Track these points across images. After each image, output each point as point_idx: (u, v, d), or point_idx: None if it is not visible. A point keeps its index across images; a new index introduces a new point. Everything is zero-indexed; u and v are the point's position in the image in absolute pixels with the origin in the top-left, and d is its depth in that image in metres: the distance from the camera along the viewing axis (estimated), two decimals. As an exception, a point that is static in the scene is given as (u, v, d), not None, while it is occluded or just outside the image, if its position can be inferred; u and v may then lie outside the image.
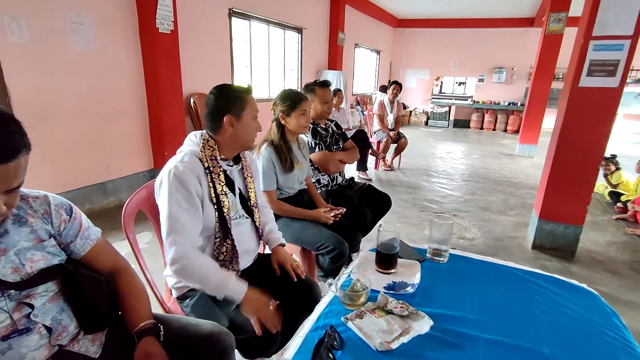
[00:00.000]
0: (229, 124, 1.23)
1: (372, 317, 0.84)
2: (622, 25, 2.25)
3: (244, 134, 1.27)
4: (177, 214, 1.13)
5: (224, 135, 1.26)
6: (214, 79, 4.51)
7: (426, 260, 1.18)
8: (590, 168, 2.55)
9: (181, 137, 4.55)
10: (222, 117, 1.22)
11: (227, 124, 1.23)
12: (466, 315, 0.88)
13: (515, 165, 5.95)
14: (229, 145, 1.29)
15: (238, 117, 1.24)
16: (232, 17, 4.64)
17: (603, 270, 2.59)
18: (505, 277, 1.08)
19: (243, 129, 1.26)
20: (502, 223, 3.44)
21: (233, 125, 1.24)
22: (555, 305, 0.94)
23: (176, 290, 1.32)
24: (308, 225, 1.87)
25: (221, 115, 1.23)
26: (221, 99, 1.24)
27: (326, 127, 2.35)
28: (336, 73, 6.79)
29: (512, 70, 9.83)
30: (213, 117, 1.25)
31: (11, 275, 0.82)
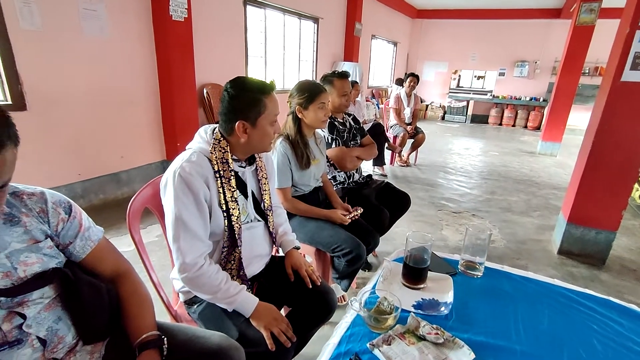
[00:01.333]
0: (242, 130, 1.09)
1: (402, 344, 0.73)
2: (674, 14, 2.04)
3: (259, 141, 1.14)
4: (184, 219, 1.03)
5: (237, 140, 1.12)
6: (228, 69, 4.41)
7: (458, 274, 1.05)
8: (630, 170, 2.36)
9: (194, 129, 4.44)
10: (235, 122, 1.08)
11: (240, 130, 1.09)
12: (512, 345, 0.76)
13: (537, 163, 5.71)
14: (243, 148, 1.16)
15: (253, 124, 1.09)
16: (247, 5, 4.52)
17: (635, 279, 2.42)
18: (552, 297, 0.94)
19: (258, 136, 1.12)
20: (524, 225, 3.27)
21: (247, 132, 1.10)
22: (618, 338, 0.81)
23: (183, 294, 1.23)
24: (324, 225, 1.77)
25: (234, 119, 1.09)
26: (236, 100, 1.09)
27: (343, 121, 2.22)
28: (352, 65, 6.61)
29: (535, 64, 9.44)
30: (226, 118, 1.11)
31: (1, 281, 0.74)
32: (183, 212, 1.02)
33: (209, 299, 1.09)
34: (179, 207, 1.03)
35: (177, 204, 1.02)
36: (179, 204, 1.03)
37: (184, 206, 1.03)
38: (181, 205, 1.03)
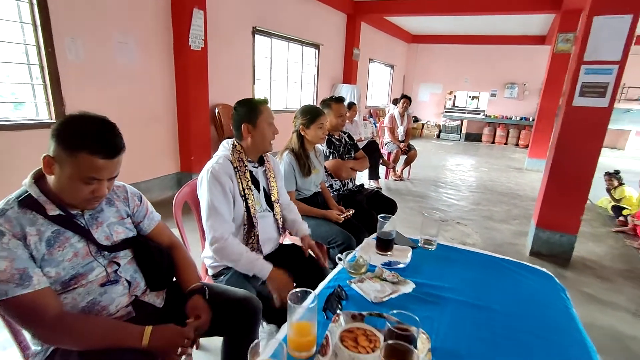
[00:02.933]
0: (247, 131, 1.52)
1: (370, 282, 1.12)
2: (611, 51, 2.49)
3: (261, 138, 1.55)
4: (215, 204, 1.43)
5: (247, 141, 1.55)
6: (237, 91, 4.90)
7: (418, 248, 1.45)
8: (583, 181, 2.76)
9: (206, 144, 4.98)
10: (241, 126, 1.52)
11: (245, 131, 1.52)
12: (443, 284, 1.14)
13: (522, 178, 6.10)
14: (252, 149, 1.58)
15: (254, 125, 1.52)
16: (255, 35, 5.04)
17: (593, 276, 2.77)
18: (482, 261, 1.34)
19: (260, 134, 1.54)
20: (503, 231, 3.64)
21: (250, 132, 1.52)
22: (516, 282, 1.19)
23: (212, 269, 1.62)
24: (321, 222, 2.16)
25: (241, 124, 1.52)
26: (240, 111, 1.54)
27: (339, 138, 2.64)
28: (350, 87, 7.12)
29: (524, 86, 9.99)
30: (236, 126, 1.55)
31: (105, 241, 1.13)
32: (214, 200, 1.43)
33: (234, 265, 1.47)
34: (211, 196, 1.43)
35: (210, 194, 1.43)
36: (211, 193, 1.43)
37: (215, 195, 1.43)
38: (213, 194, 1.43)
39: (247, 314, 1.28)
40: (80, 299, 1.05)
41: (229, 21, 4.59)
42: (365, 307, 0.99)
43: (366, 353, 0.81)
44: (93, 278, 1.08)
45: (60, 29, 2.87)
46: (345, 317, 0.90)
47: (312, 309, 0.82)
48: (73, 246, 1.04)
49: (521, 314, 1.02)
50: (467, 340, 0.91)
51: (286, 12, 5.53)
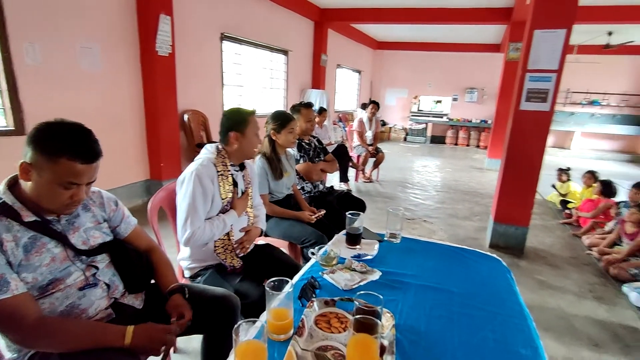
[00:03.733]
0: (235, 139, 1.61)
1: (340, 273, 1.22)
2: (550, 61, 2.77)
3: (248, 146, 1.65)
4: (196, 204, 1.50)
5: (232, 147, 1.63)
6: (206, 97, 4.89)
7: (384, 241, 1.57)
8: (531, 177, 3.03)
9: (176, 151, 4.95)
10: (230, 133, 1.60)
11: (233, 138, 1.61)
12: (406, 272, 1.27)
13: (483, 177, 6.50)
14: (237, 155, 1.66)
15: (243, 134, 1.61)
16: (223, 41, 5.06)
17: (544, 264, 3.04)
18: (440, 250, 1.50)
19: (247, 143, 1.64)
20: (466, 227, 3.89)
21: (238, 140, 1.61)
22: (469, 266, 1.35)
23: (189, 270, 1.66)
24: (294, 223, 2.25)
25: (229, 132, 1.60)
26: (230, 119, 1.62)
27: (309, 142, 2.75)
28: (319, 92, 7.27)
29: (483, 91, 10.61)
30: (224, 132, 1.62)
31: (82, 246, 1.15)
32: (195, 200, 1.49)
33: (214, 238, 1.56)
34: (192, 196, 1.48)
35: (192, 195, 1.48)
36: (193, 193, 1.48)
37: (196, 196, 1.49)
38: (194, 194, 1.49)
39: (226, 312, 1.34)
40: (58, 304, 1.07)
41: (197, 27, 4.59)
42: (336, 294, 1.09)
43: (338, 333, 0.90)
44: (71, 282, 1.10)
45: (18, 33, 2.78)
46: (319, 303, 0.99)
47: (288, 295, 0.90)
48: (50, 251, 1.06)
49: (473, 293, 1.17)
50: (426, 318, 1.03)
51: (254, 18, 5.59)
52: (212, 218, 1.57)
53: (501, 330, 0.99)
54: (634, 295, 2.55)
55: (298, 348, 0.82)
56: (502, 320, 1.03)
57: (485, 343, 0.93)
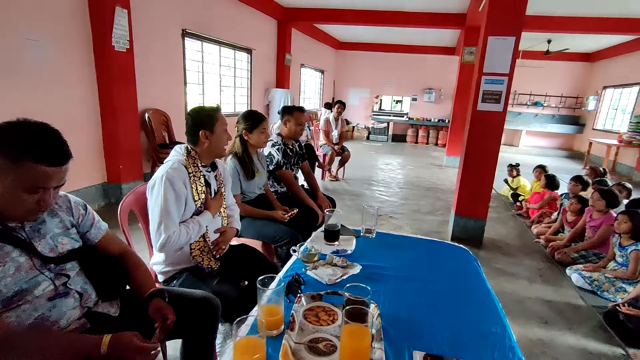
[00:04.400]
0: (205, 137, 1.57)
1: (323, 268, 1.26)
2: (502, 65, 3.00)
3: (217, 143, 1.62)
4: (169, 208, 1.45)
5: (202, 147, 1.60)
6: (168, 95, 4.70)
7: (361, 237, 1.64)
8: (488, 173, 3.26)
9: (136, 152, 4.72)
10: (199, 132, 1.56)
11: (203, 137, 1.57)
12: (384, 264, 1.34)
13: (443, 174, 6.85)
14: (207, 154, 1.63)
15: (212, 131, 1.58)
16: (185, 38, 4.89)
17: (500, 254, 3.30)
18: (413, 243, 1.59)
19: (216, 139, 1.60)
20: (430, 222, 4.09)
21: (208, 137, 1.58)
22: (440, 257, 1.46)
23: (163, 274, 1.62)
24: (268, 223, 2.25)
25: (198, 131, 1.57)
26: (197, 118, 1.58)
27: (292, 147, 2.76)
28: (284, 91, 7.26)
29: (440, 91, 11.16)
30: (192, 132, 1.58)
31: (50, 253, 1.09)
32: (168, 205, 1.44)
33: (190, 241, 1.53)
34: (165, 201, 1.44)
35: (164, 199, 1.44)
36: (165, 198, 1.44)
37: (169, 200, 1.44)
38: (167, 199, 1.44)
39: (207, 314, 1.33)
40: (25, 317, 1.01)
41: (157, 22, 4.40)
42: (321, 289, 1.13)
43: (327, 325, 0.94)
44: (39, 293, 1.04)
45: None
46: (306, 298, 1.02)
47: (278, 291, 0.93)
48: (15, 261, 1.00)
49: (446, 281, 1.26)
50: (407, 306, 1.10)
51: (217, 15, 5.46)
52: (186, 221, 1.54)
53: (474, 312, 1.08)
54: (575, 276, 2.84)
55: (291, 342, 0.85)
56: (474, 304, 1.13)
57: (461, 325, 1.02)
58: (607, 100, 9.47)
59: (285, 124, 2.65)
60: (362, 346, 0.76)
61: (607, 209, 3.10)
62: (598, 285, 2.71)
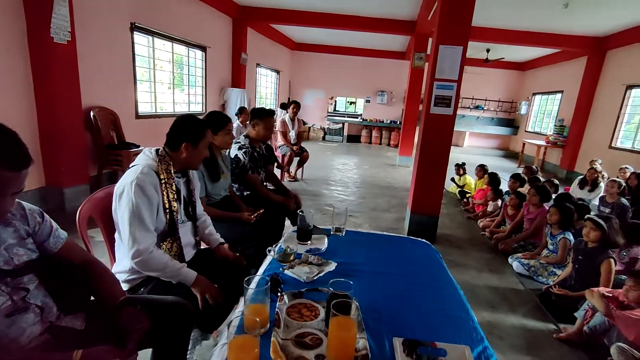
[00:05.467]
0: (186, 149, 1.52)
1: (299, 267, 1.29)
2: (452, 72, 3.24)
3: (195, 159, 1.58)
4: (141, 216, 1.38)
5: (179, 156, 1.53)
6: (116, 93, 4.41)
7: (331, 235, 1.70)
8: (439, 172, 3.50)
9: (81, 153, 4.38)
10: (182, 142, 1.51)
11: (184, 148, 1.51)
12: (356, 260, 1.42)
13: (396, 173, 7.17)
14: (182, 163, 1.57)
15: (195, 146, 1.53)
16: (134, 32, 4.61)
17: (452, 247, 3.56)
18: (380, 240, 1.69)
19: (196, 155, 1.56)
20: (386, 219, 4.28)
21: (188, 150, 1.52)
22: (406, 251, 1.57)
23: (128, 282, 1.54)
24: (234, 225, 2.23)
25: (182, 140, 1.51)
26: (187, 127, 1.52)
27: (259, 150, 2.73)
28: (239, 91, 7.13)
29: (392, 94, 11.65)
30: (175, 138, 1.52)
31: (5, 266, 1.01)
32: (140, 211, 1.37)
33: (158, 275, 1.44)
34: (136, 207, 1.36)
35: (134, 205, 1.36)
36: (136, 205, 1.37)
37: (140, 207, 1.37)
38: (138, 205, 1.37)
39: (180, 320, 1.29)
40: None
41: (103, 14, 4.10)
42: (300, 287, 1.17)
43: (310, 320, 0.98)
44: None
45: None
46: (288, 296, 1.06)
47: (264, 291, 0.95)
48: None
49: (413, 273, 1.37)
50: (382, 298, 1.18)
51: (169, 10, 5.22)
52: (173, 262, 1.46)
53: (441, 299, 1.19)
54: (516, 264, 3.16)
55: (279, 338, 0.88)
56: (439, 292, 1.24)
57: (431, 311, 1.12)
58: (536, 106, 10.56)
59: (254, 126, 2.64)
60: (349, 336, 0.81)
61: (541, 203, 3.49)
62: (534, 270, 3.04)
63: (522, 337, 2.24)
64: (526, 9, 5.82)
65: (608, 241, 2.48)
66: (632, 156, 6.27)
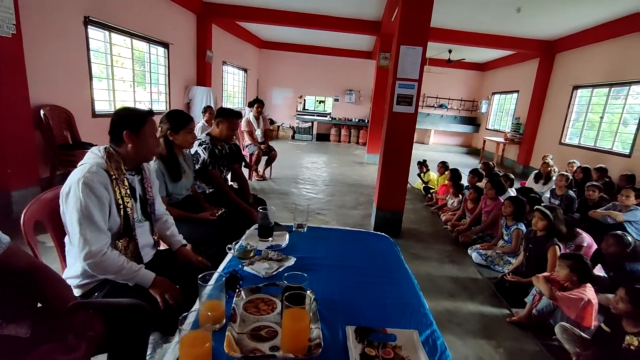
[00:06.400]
0: (128, 137, 1.46)
1: (259, 263, 1.30)
2: (412, 71, 3.36)
3: (144, 148, 1.52)
4: (91, 216, 1.32)
5: (126, 148, 1.48)
6: (70, 90, 4.18)
7: (293, 232, 1.72)
8: (403, 169, 3.62)
9: (30, 153, 4.16)
10: (122, 132, 1.45)
11: (127, 137, 1.46)
12: (316, 255, 1.45)
13: (364, 171, 7.30)
14: (132, 157, 1.51)
15: (137, 133, 1.48)
16: (88, 26, 4.39)
17: (415, 240, 3.69)
18: (340, 234, 1.74)
19: (143, 144, 1.50)
20: (354, 216, 4.36)
21: (132, 139, 1.47)
22: (365, 245, 1.63)
23: (80, 288, 1.47)
24: (196, 225, 2.19)
25: (121, 130, 1.46)
26: (123, 116, 1.48)
27: (221, 148, 2.69)
28: (205, 89, 6.97)
29: (359, 93, 11.84)
30: (115, 131, 1.47)
31: None
32: (90, 211, 1.31)
33: (114, 278, 1.39)
34: (85, 207, 1.31)
35: (84, 205, 1.31)
36: (84, 205, 1.31)
37: (90, 206, 1.32)
38: (87, 205, 1.31)
39: (137, 323, 1.26)
40: None
41: (52, 6, 3.87)
42: (259, 283, 1.18)
43: (267, 314, 0.99)
44: None
45: None
46: (246, 292, 1.06)
47: (219, 287, 0.95)
48: None
49: (371, 265, 1.42)
50: (338, 290, 1.21)
51: (126, 4, 5.00)
52: (130, 263, 1.41)
53: (395, 289, 1.24)
54: (475, 254, 3.33)
55: (234, 333, 0.88)
56: (395, 282, 1.29)
57: (385, 300, 1.16)
58: (496, 104, 11.12)
59: (218, 125, 2.60)
60: (301, 326, 0.84)
61: (497, 196, 3.69)
62: (491, 260, 3.22)
63: (479, 323, 2.37)
64: (483, 13, 6.12)
65: (553, 229, 2.68)
66: (579, 151, 6.77)
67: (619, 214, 3.59)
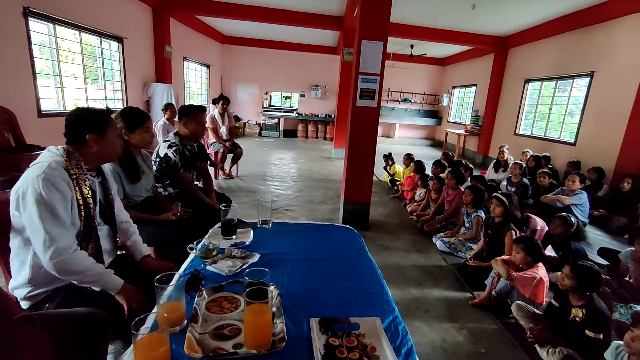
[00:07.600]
0: (94, 141, 1.39)
1: (222, 262, 1.28)
2: (374, 66, 3.41)
3: (108, 150, 1.45)
4: (55, 212, 1.22)
5: (90, 150, 1.40)
6: (10, 88, 3.86)
7: (258, 228, 1.70)
8: (368, 162, 3.68)
9: None
10: (85, 136, 1.37)
11: (92, 141, 1.38)
12: (281, 250, 1.45)
13: (332, 166, 7.36)
14: (94, 158, 1.44)
15: (102, 135, 1.41)
16: (28, 18, 4.06)
17: (383, 232, 3.78)
18: (305, 228, 1.75)
19: (107, 146, 1.43)
20: (322, 210, 4.39)
21: (98, 142, 1.40)
22: (330, 238, 1.65)
23: (29, 300, 1.37)
24: (158, 227, 2.11)
25: (83, 134, 1.37)
26: (83, 119, 1.38)
27: (191, 148, 2.59)
28: (165, 86, 6.70)
29: (325, 88, 11.86)
30: (75, 134, 1.38)
31: None
32: (53, 206, 1.22)
33: (78, 279, 1.29)
34: (48, 202, 1.21)
35: (47, 199, 1.21)
36: (48, 199, 1.21)
37: (53, 201, 1.22)
38: (50, 201, 1.21)
39: (93, 333, 1.19)
40: None
41: (-14, -3, 3.55)
42: (222, 281, 1.16)
43: (230, 312, 0.98)
44: None
45: None
46: (208, 291, 1.04)
47: (178, 287, 0.92)
48: None
49: (336, 257, 1.44)
50: (303, 284, 1.22)
51: (73, -5, 4.68)
52: (98, 264, 1.34)
53: (359, 279, 1.27)
54: (439, 242, 3.47)
55: (195, 333, 0.86)
56: (358, 272, 1.32)
57: (349, 290, 1.18)
58: (456, 98, 11.57)
59: (185, 125, 2.51)
60: (263, 321, 0.83)
61: (457, 185, 3.85)
62: (454, 247, 3.37)
63: (444, 307, 2.48)
64: (441, 9, 6.32)
65: (509, 215, 2.85)
66: (532, 141, 7.21)
67: (566, 198, 3.88)
